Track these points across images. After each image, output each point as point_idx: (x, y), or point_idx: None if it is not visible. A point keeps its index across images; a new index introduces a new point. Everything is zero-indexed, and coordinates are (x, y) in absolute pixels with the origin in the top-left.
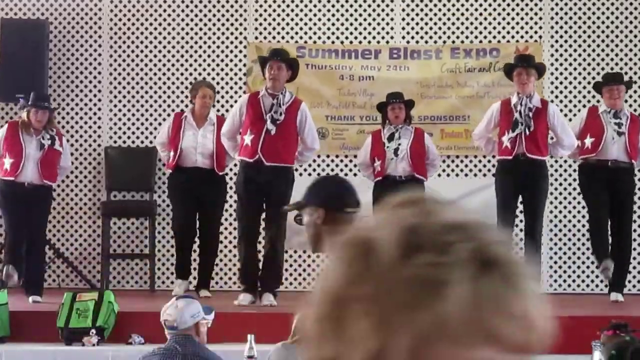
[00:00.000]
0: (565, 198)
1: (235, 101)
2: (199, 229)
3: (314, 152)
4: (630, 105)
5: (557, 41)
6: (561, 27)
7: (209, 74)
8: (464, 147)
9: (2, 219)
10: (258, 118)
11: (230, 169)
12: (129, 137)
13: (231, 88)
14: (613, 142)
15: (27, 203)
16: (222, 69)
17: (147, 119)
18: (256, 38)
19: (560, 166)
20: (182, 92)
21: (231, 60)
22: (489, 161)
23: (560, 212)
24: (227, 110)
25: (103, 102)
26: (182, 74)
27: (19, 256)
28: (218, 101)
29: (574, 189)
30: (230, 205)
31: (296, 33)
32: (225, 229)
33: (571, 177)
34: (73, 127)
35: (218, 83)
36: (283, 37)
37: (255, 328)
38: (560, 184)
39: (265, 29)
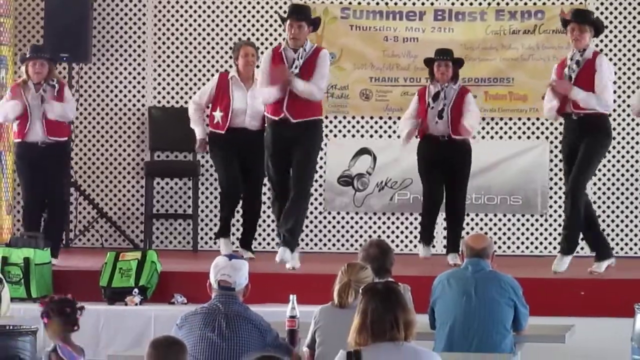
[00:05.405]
0: (609, 161)
1: None
2: (243, 190)
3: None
4: None
5: (602, 3)
6: None
7: (253, 34)
8: (507, 109)
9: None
10: None
11: None
12: (172, 97)
13: None
14: None
15: (40, 163)
16: (266, 29)
17: (190, 79)
18: None
19: None
20: (227, 53)
21: (275, 21)
22: (532, 123)
23: (604, 174)
24: None
25: (147, 62)
26: (226, 34)
27: (35, 219)
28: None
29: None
30: None
31: None
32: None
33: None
34: (117, 86)
35: (262, 43)
36: None
37: (297, 289)
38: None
39: None
